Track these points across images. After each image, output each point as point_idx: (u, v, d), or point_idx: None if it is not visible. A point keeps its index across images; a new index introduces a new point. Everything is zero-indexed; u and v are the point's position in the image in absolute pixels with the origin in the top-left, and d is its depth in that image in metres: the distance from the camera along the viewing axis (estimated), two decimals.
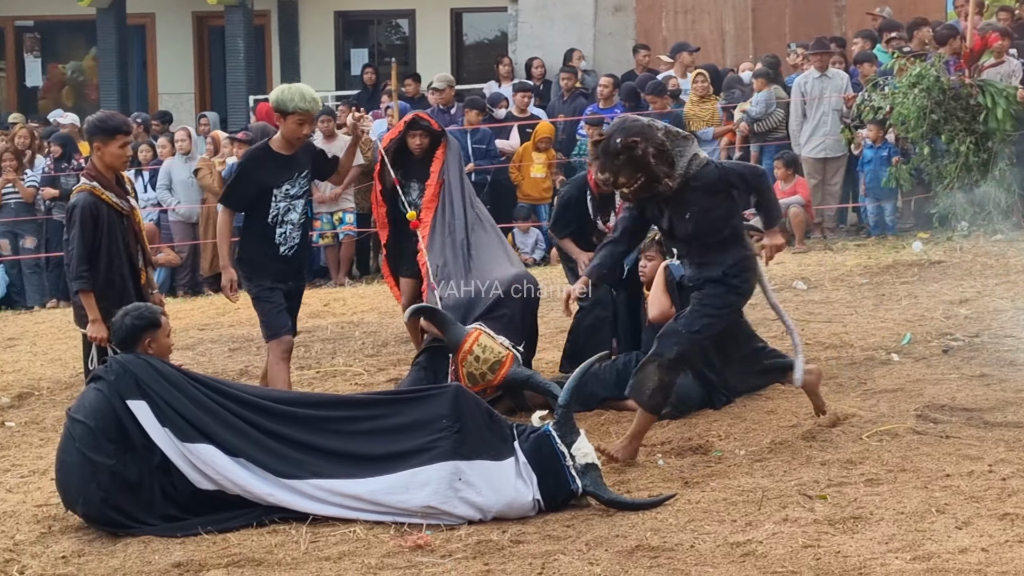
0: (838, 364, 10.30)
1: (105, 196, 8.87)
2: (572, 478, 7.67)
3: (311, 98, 9.46)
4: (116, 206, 8.92)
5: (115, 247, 8.90)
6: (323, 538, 7.36)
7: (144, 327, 8.02)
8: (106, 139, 8.91)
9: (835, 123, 16.69)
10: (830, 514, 7.08)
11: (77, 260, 8.82)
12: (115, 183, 9.01)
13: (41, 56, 27.38)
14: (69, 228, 8.95)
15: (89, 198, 8.84)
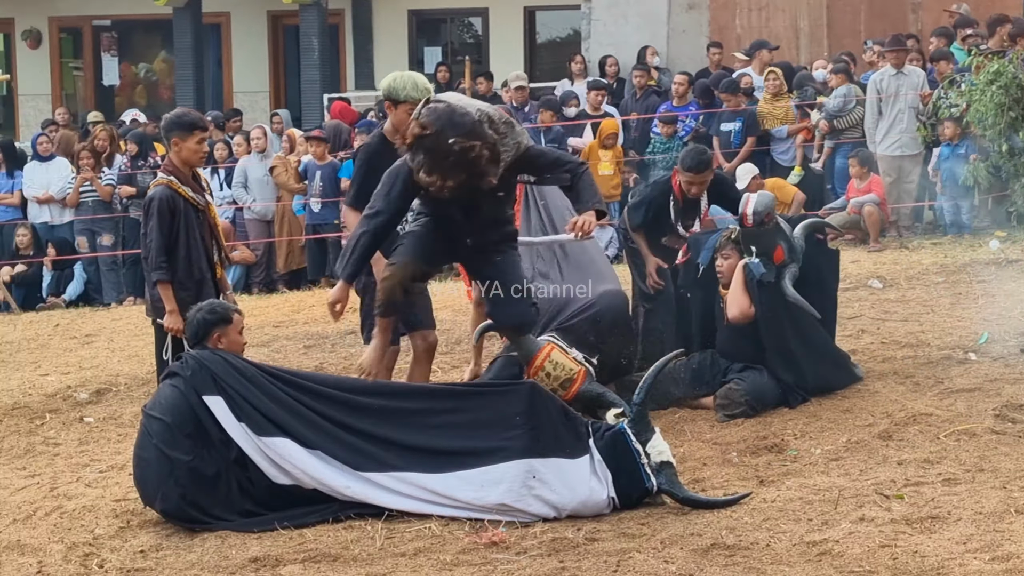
0: (915, 363, 10.22)
1: (182, 191, 9.01)
2: (647, 476, 7.66)
3: (424, 87, 9.19)
4: (192, 201, 9.06)
5: (192, 240, 9.03)
6: (398, 534, 7.38)
7: (215, 322, 8.13)
8: (184, 135, 9.04)
9: (911, 121, 16.54)
10: (907, 514, 7.03)
11: (155, 251, 8.98)
12: (191, 179, 9.15)
13: (118, 55, 27.63)
14: (147, 221, 9.08)
15: (166, 191, 8.99)
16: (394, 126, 9.18)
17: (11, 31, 27.54)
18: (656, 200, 10.46)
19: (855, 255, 15.41)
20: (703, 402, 9.54)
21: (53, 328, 15.34)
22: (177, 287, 9.01)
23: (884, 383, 9.73)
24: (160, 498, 7.77)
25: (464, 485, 7.59)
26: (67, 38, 28.00)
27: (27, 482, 9.19)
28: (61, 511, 8.34)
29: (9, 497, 8.79)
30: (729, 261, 9.63)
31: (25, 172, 18.67)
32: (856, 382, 9.74)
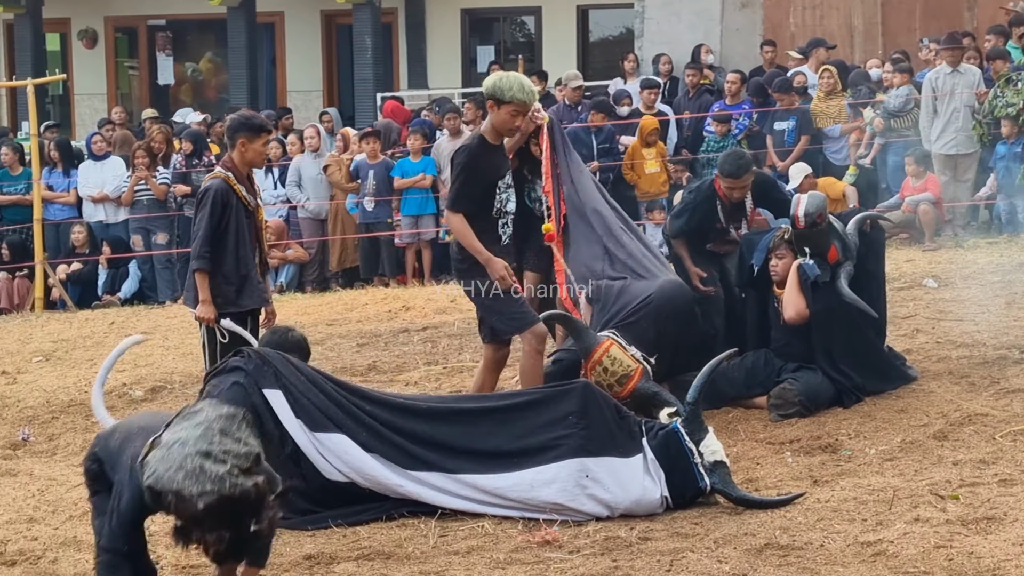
0: (970, 363, 10.16)
1: (236, 188, 9.09)
2: (700, 475, 7.65)
3: (529, 90, 9.04)
4: (244, 200, 9.14)
5: (241, 237, 9.10)
6: (451, 532, 7.40)
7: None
8: (252, 136, 9.12)
9: (967, 119, 16.44)
10: (963, 514, 6.99)
11: (200, 241, 9.05)
12: (247, 179, 9.26)
13: (172, 55, 27.80)
14: (198, 211, 9.17)
15: (223, 185, 9.07)
16: (494, 126, 9.08)
17: (67, 31, 27.75)
18: (701, 205, 10.31)
19: (910, 254, 15.34)
20: (756, 402, 9.50)
21: (108, 326, 15.44)
22: (222, 280, 9.09)
23: (939, 383, 9.68)
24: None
25: (517, 485, 7.60)
26: (122, 38, 28.20)
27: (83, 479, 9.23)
28: None
29: (65, 494, 8.86)
30: (783, 261, 9.59)
31: (80, 171, 18.81)
32: (909, 383, 9.70)
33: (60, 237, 18.93)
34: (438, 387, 10.94)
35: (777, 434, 8.91)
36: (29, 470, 9.58)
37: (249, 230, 9.18)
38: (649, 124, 17.81)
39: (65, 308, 17.82)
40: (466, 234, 9.01)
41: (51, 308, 17.94)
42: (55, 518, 8.32)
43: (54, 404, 11.34)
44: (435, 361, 11.88)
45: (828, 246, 9.52)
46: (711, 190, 10.32)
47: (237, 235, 9.09)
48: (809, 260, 9.42)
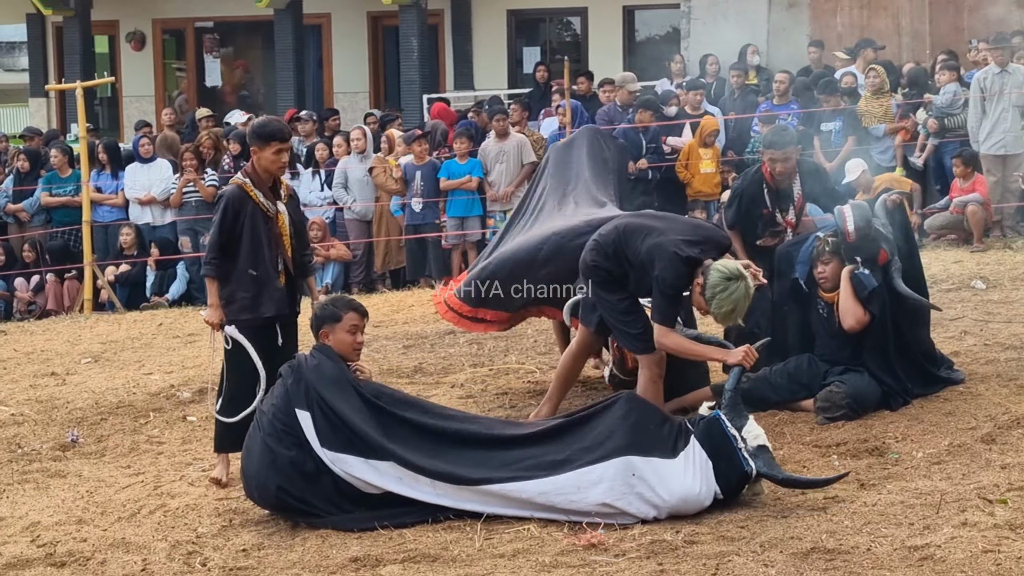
0: (1018, 365, 10.09)
1: (253, 194, 8.92)
2: (745, 460, 7.70)
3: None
4: (262, 206, 8.94)
5: (257, 243, 8.93)
6: (497, 535, 7.42)
7: (323, 318, 8.28)
8: (262, 144, 8.96)
9: (1015, 119, 16.34)
10: (1011, 519, 6.96)
11: (209, 247, 9.05)
12: (269, 186, 9.03)
13: (220, 56, 27.94)
14: (214, 216, 9.15)
15: (237, 192, 8.96)
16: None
17: (115, 33, 27.92)
18: (748, 189, 10.40)
19: (958, 255, 15.25)
20: (803, 404, 9.48)
21: (156, 327, 15.51)
22: (236, 287, 8.97)
23: (987, 385, 9.62)
24: (258, 487, 7.89)
25: (561, 489, 7.60)
26: (170, 40, 28.35)
27: (131, 480, 9.32)
28: (165, 509, 8.46)
29: (114, 495, 8.92)
30: (830, 266, 9.54)
31: (127, 173, 18.91)
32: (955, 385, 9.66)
33: (108, 239, 19.03)
34: (484, 388, 10.96)
35: (824, 437, 8.88)
36: (78, 471, 9.65)
37: (268, 237, 8.99)
38: (709, 124, 17.81)
39: (114, 310, 17.91)
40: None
41: (99, 310, 18.03)
42: (104, 519, 8.38)
43: (103, 405, 11.40)
44: (481, 363, 11.89)
45: (877, 250, 9.49)
46: (758, 174, 10.43)
47: (253, 242, 8.93)
48: (863, 269, 9.38)
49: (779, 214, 10.31)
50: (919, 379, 9.56)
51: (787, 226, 10.32)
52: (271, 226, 9.00)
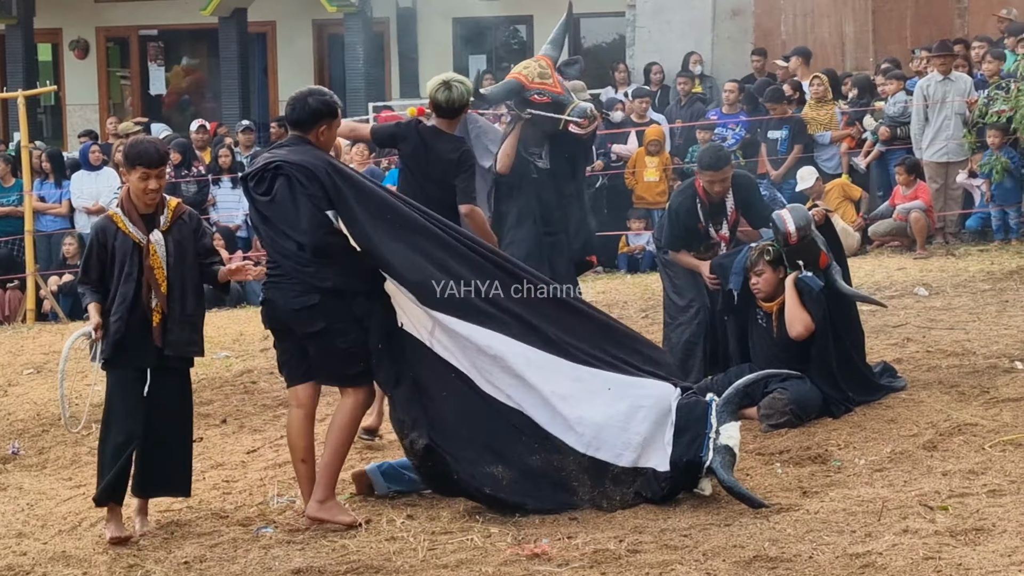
0: (960, 372, 10.16)
1: (122, 223, 8.06)
2: (707, 448, 7.77)
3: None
4: (132, 236, 8.03)
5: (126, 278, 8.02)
6: (440, 546, 7.39)
7: (324, 113, 8.01)
8: (128, 168, 8.12)
9: (958, 127, 16.46)
10: (952, 525, 6.99)
11: (79, 280, 8.30)
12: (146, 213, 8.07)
13: (164, 64, 27.81)
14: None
15: (102, 222, 8.19)
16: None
17: (59, 41, 27.76)
18: (682, 206, 10.42)
19: (901, 262, 15.35)
20: (746, 412, 9.50)
21: None
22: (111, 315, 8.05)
23: (929, 392, 9.67)
24: None
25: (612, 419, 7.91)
26: (114, 48, 28.21)
27: (73, 492, 9.25)
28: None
29: (55, 508, 8.86)
30: (764, 276, 9.58)
31: (73, 181, 18.79)
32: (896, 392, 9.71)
33: (52, 248, 18.91)
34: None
35: (767, 445, 8.90)
36: (19, 484, 9.58)
37: (136, 270, 8.02)
38: (654, 133, 17.87)
39: (56, 320, 17.80)
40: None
41: (42, 320, 17.92)
42: (44, 532, 8.33)
43: (44, 417, 11.32)
44: None
45: (818, 253, 9.54)
46: (691, 188, 10.43)
47: (120, 277, 8.01)
48: (806, 272, 9.42)
49: (712, 228, 10.33)
50: (860, 387, 9.61)
51: (721, 240, 10.33)
52: (141, 258, 8.03)
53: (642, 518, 7.64)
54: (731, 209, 10.33)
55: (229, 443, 10.28)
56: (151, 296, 8.06)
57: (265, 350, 13.42)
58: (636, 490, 7.87)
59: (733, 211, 10.34)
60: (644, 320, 13.09)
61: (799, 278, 9.45)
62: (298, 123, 7.98)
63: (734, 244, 10.39)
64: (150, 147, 8.12)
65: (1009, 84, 16.06)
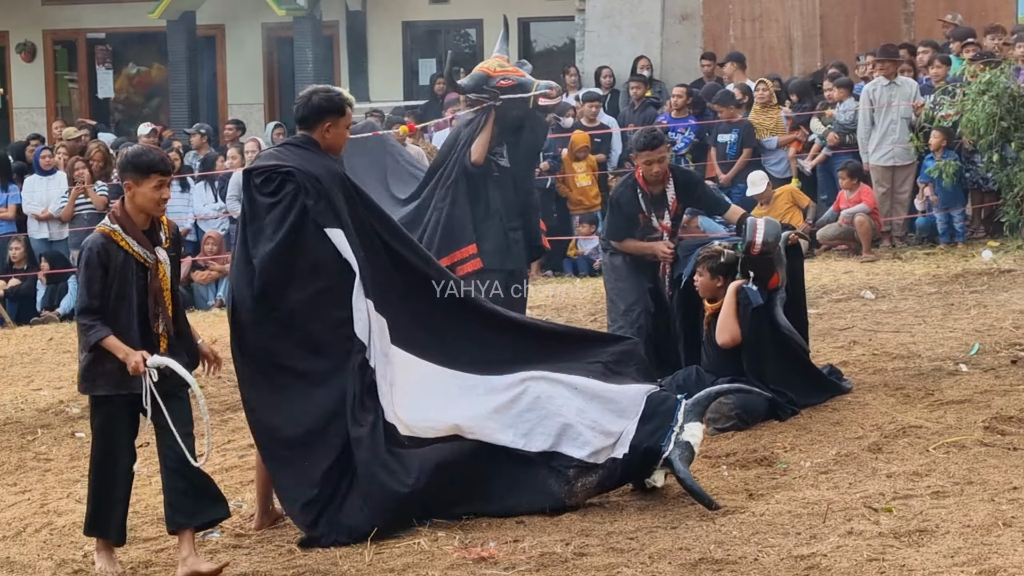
0: (905, 375, 10.23)
1: (124, 242, 7.34)
2: (668, 440, 7.83)
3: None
4: (137, 256, 7.36)
5: (128, 303, 7.32)
6: (387, 550, 7.39)
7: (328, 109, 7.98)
8: (139, 178, 7.37)
9: (904, 131, 16.57)
10: (895, 527, 7.03)
11: (80, 312, 7.33)
12: (145, 229, 7.44)
13: (112, 68, 27.65)
14: (78, 273, 7.48)
15: (101, 240, 7.33)
16: None
17: (6, 44, 27.54)
18: (623, 196, 10.50)
19: (848, 265, 15.44)
20: None
21: (47, 342, 15.35)
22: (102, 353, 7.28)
23: (875, 395, 9.73)
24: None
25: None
26: (61, 51, 28.00)
27: (17, 498, 9.20)
28: (51, 527, 8.36)
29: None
30: (703, 279, 9.60)
31: (25, 186, 18.68)
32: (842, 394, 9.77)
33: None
34: None
35: (713, 447, 8.93)
36: None
37: (141, 293, 7.35)
38: (579, 140, 17.92)
39: (3, 324, 17.69)
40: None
41: None
42: None
43: None
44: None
45: (773, 272, 9.57)
46: (632, 179, 10.53)
47: (122, 302, 7.29)
48: (752, 285, 9.43)
49: (655, 218, 10.38)
50: (807, 389, 9.64)
51: (663, 230, 10.39)
52: (148, 280, 7.38)
53: (588, 521, 7.66)
54: (672, 199, 10.37)
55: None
56: (158, 320, 7.39)
57: None
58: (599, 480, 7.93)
59: (674, 200, 10.39)
60: (593, 323, 13.10)
61: (742, 287, 9.46)
62: (302, 120, 7.96)
63: (675, 234, 10.46)
64: (157, 154, 7.65)
65: (955, 89, 16.18)
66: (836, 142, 17.13)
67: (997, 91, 15.46)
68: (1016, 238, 15.52)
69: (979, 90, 15.59)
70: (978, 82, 15.71)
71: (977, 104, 15.52)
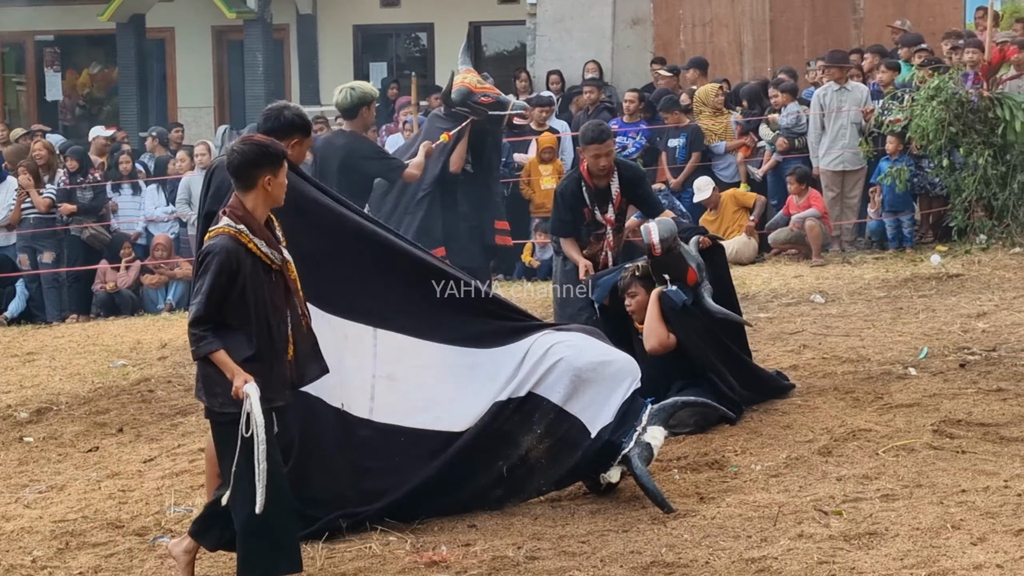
0: (855, 378, 10.28)
1: (252, 244, 6.73)
2: (630, 439, 7.87)
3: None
4: (266, 258, 6.77)
5: (261, 310, 6.74)
6: (338, 554, 7.37)
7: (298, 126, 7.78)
8: (276, 170, 6.78)
9: (853, 136, 16.64)
10: (845, 530, 7.07)
11: (194, 321, 6.66)
12: (265, 226, 6.86)
13: (61, 70, 27.51)
14: (200, 276, 6.75)
15: (232, 245, 6.68)
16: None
17: None
18: (567, 189, 10.56)
19: (798, 270, 15.50)
20: None
21: None
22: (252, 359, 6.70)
23: (824, 399, 9.77)
24: None
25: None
26: (9, 53, 27.87)
27: None
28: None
29: None
30: (637, 298, 9.58)
31: None
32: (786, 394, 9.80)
33: None
34: None
35: (664, 451, 8.89)
36: None
37: (273, 294, 6.80)
38: (546, 141, 17.91)
39: None
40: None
41: None
42: None
43: None
44: None
45: (686, 269, 9.55)
46: (577, 173, 10.61)
47: (254, 310, 6.70)
48: (672, 287, 9.45)
49: (598, 212, 10.41)
50: (754, 386, 9.66)
51: (607, 224, 10.42)
52: (279, 281, 6.85)
53: (540, 524, 7.66)
54: (616, 193, 10.40)
55: (125, 452, 10.18)
56: (288, 326, 6.89)
57: (163, 359, 13.34)
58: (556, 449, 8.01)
59: (618, 195, 10.41)
60: None
61: (663, 292, 9.47)
62: (271, 132, 7.58)
63: (619, 228, 10.50)
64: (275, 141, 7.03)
65: (903, 94, 16.28)
66: (786, 147, 17.19)
67: (946, 96, 15.56)
68: (964, 243, 15.62)
69: (928, 95, 15.69)
70: (927, 87, 15.81)
71: (926, 110, 15.62)
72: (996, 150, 15.53)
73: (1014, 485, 7.60)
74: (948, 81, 15.71)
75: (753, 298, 13.71)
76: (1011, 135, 15.44)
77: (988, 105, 15.62)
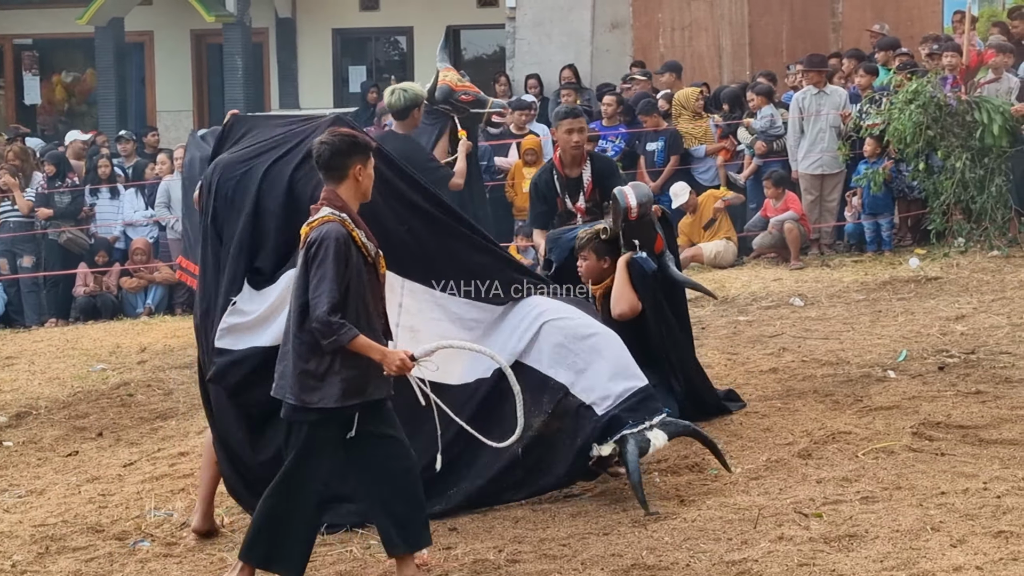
0: (834, 381, 10.30)
1: (356, 233, 6.73)
2: (636, 425, 7.91)
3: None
4: (364, 249, 6.76)
5: (362, 301, 6.73)
6: (320, 557, 7.37)
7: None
8: (366, 160, 6.88)
9: (832, 139, 16.68)
10: (825, 532, 7.09)
11: (330, 308, 6.53)
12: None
13: (39, 74, 27.45)
14: (313, 267, 6.65)
15: (343, 232, 6.66)
16: None
17: None
18: (542, 177, 10.57)
19: (777, 273, 15.52)
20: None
21: None
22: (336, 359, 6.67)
23: (804, 401, 9.79)
24: None
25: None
26: None
27: None
28: None
29: None
30: (588, 262, 9.48)
31: None
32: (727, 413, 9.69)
33: None
34: None
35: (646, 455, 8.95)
36: None
37: (373, 288, 6.82)
38: (529, 144, 17.91)
39: None
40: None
41: None
42: None
43: None
44: None
45: (655, 236, 9.49)
46: (550, 163, 10.65)
47: (356, 300, 6.67)
48: (641, 253, 9.38)
49: (569, 201, 10.42)
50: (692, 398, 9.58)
51: (578, 213, 10.43)
52: (374, 274, 6.85)
53: (521, 528, 7.67)
54: (587, 182, 10.40)
55: (105, 456, 10.17)
56: (383, 319, 6.92)
57: (142, 363, 13.32)
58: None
59: (590, 183, 10.40)
60: None
61: (632, 258, 9.39)
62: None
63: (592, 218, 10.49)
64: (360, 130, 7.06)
65: (881, 98, 16.33)
66: (764, 150, 17.22)
67: (923, 100, 15.61)
68: (942, 246, 15.66)
69: (906, 99, 15.74)
70: (905, 91, 15.86)
71: (904, 113, 15.67)
72: (974, 153, 15.57)
73: (993, 487, 7.63)
74: (926, 85, 15.75)
75: (733, 301, 13.74)
76: (989, 138, 15.47)
77: (966, 108, 15.65)
